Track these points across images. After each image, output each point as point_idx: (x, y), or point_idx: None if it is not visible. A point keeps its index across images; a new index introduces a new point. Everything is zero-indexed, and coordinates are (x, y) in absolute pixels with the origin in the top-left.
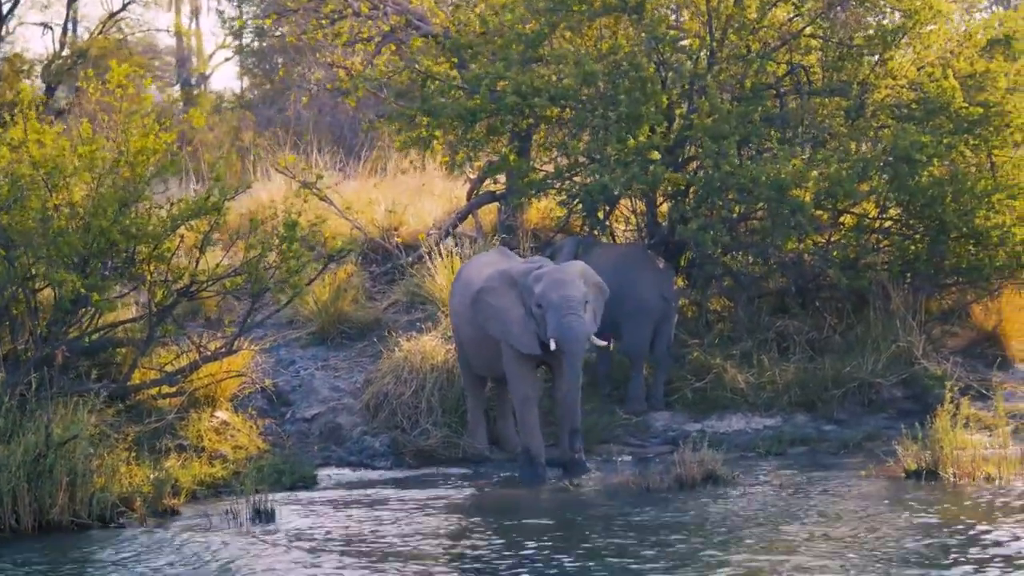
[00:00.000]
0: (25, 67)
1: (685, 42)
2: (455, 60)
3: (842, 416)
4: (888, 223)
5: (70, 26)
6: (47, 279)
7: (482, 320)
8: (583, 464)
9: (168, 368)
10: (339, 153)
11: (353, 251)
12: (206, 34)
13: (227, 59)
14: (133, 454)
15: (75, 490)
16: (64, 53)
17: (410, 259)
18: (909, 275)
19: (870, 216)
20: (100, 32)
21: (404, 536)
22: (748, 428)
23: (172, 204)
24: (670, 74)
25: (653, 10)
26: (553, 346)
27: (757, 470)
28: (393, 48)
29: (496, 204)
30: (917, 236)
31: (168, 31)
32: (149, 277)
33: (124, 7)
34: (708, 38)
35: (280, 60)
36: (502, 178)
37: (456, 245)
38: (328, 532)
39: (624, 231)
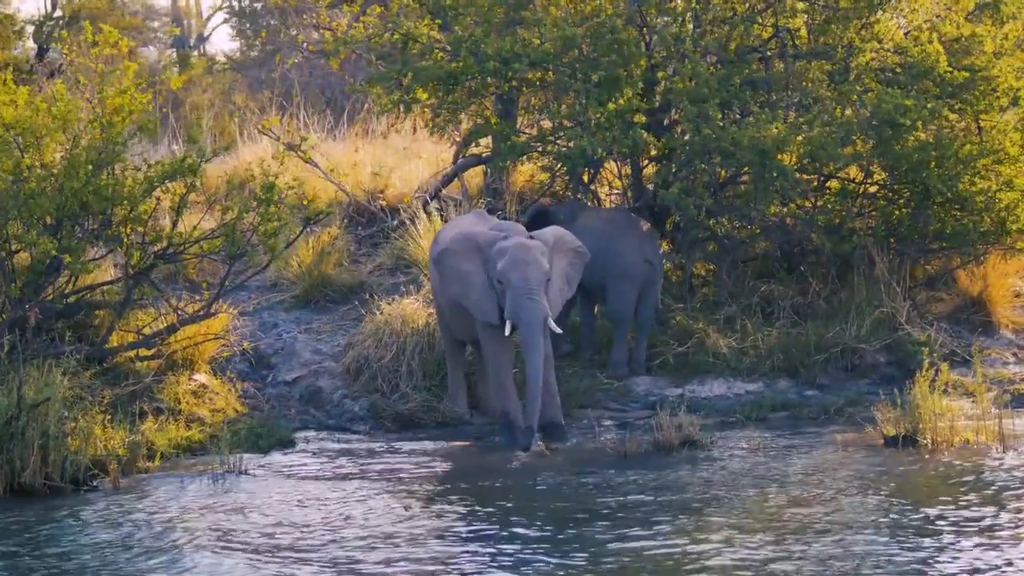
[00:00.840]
0: (17, 28)
1: (671, 4)
2: (439, 22)
3: (824, 381)
4: (873, 188)
5: None
6: (19, 241)
7: (445, 283)
8: (562, 428)
9: (146, 331)
10: (329, 115)
11: (332, 214)
12: None
13: (224, 21)
14: (109, 417)
15: (47, 453)
16: (56, 14)
17: (394, 222)
18: (893, 240)
19: (855, 181)
20: None
21: (371, 500)
22: (729, 393)
23: (149, 166)
24: (655, 37)
25: None
26: (508, 330)
27: (735, 435)
28: (379, 10)
29: (482, 167)
30: (901, 201)
31: None
32: (126, 239)
33: None
34: (693, 1)
35: (272, 22)
36: (488, 141)
37: (441, 208)
38: (299, 495)
39: (609, 195)
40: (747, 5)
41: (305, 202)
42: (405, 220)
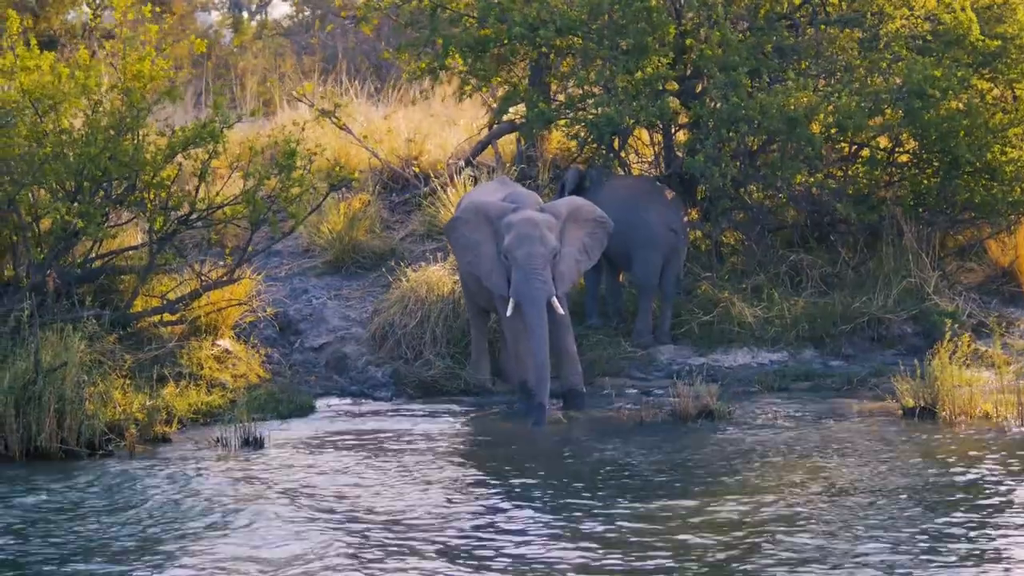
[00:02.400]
0: None
1: None
2: None
3: (850, 352)
4: (903, 157)
5: None
6: (35, 206)
7: (457, 252)
8: (582, 396)
9: (170, 296)
10: (375, 81)
11: (356, 179)
12: None
13: None
14: (129, 382)
15: (64, 417)
16: None
17: (427, 189)
18: (922, 210)
19: (884, 149)
20: None
21: (386, 466)
22: (753, 363)
23: (174, 132)
24: (684, 3)
25: None
26: (510, 308)
27: (754, 405)
28: None
29: (516, 134)
30: (930, 171)
31: None
32: (149, 205)
33: None
34: None
35: None
36: (522, 108)
37: (475, 175)
38: (314, 461)
39: (638, 162)
40: None
41: (337, 168)
42: (437, 187)
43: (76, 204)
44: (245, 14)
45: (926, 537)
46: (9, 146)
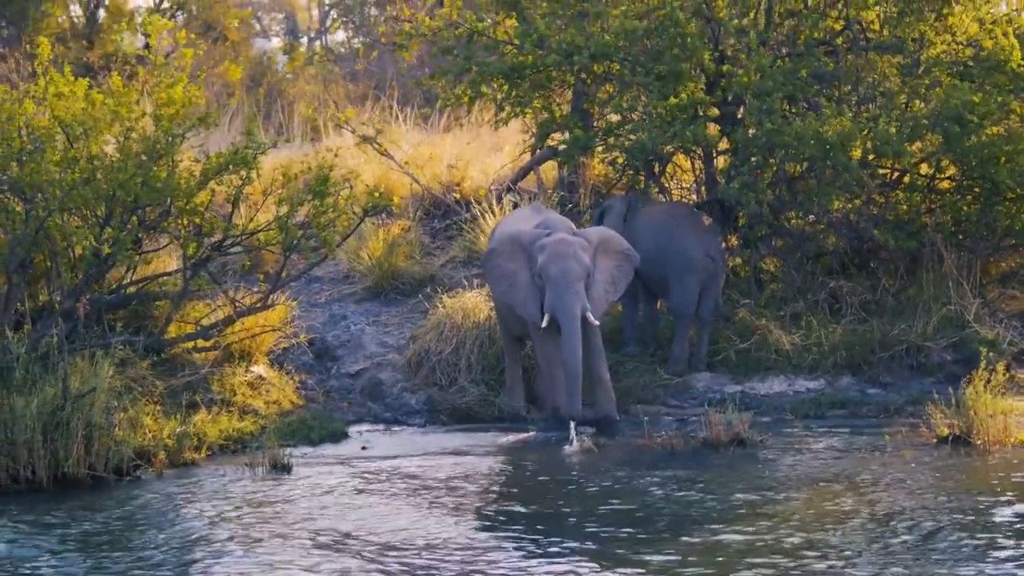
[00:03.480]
0: (125, 18)
1: None
2: (513, 14)
3: (888, 380)
4: (944, 183)
5: None
6: (60, 233)
7: (493, 282)
8: (615, 424)
9: (204, 322)
10: (425, 107)
11: (392, 206)
12: None
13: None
14: (160, 407)
15: (92, 442)
16: (164, 5)
17: (467, 215)
18: (963, 237)
19: (923, 175)
20: None
21: (411, 494)
22: (790, 390)
23: (208, 158)
24: (721, 30)
25: None
26: (545, 321)
27: (787, 434)
28: (460, 4)
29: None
30: (970, 197)
31: None
32: (183, 231)
33: None
34: None
35: (374, 13)
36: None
37: (516, 202)
38: (340, 488)
39: (678, 188)
40: None
41: (376, 194)
42: (477, 213)
43: (107, 230)
44: (305, 40)
45: (957, 566)
46: (39, 172)
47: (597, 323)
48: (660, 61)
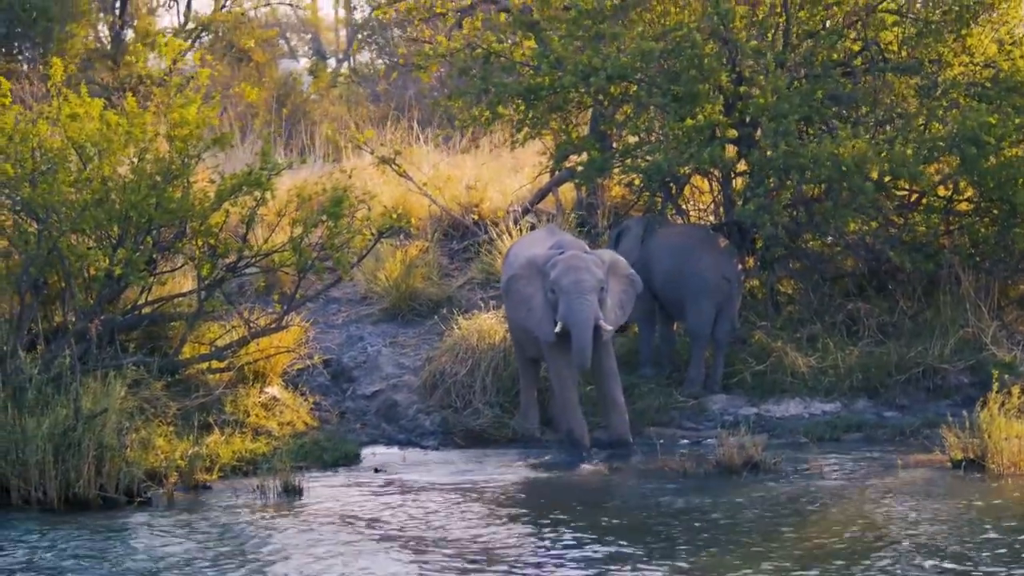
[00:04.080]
0: (150, 40)
1: (757, 18)
2: (531, 35)
3: (904, 402)
4: (963, 205)
5: None
6: (72, 253)
7: (511, 305)
8: (629, 446)
9: (219, 343)
10: (447, 128)
11: (408, 227)
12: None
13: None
14: (172, 429)
15: (102, 464)
16: (188, 26)
17: (485, 237)
18: (980, 259)
19: (941, 197)
20: (222, 7)
21: (421, 517)
22: (805, 413)
23: (223, 179)
24: (738, 51)
25: None
26: (558, 328)
27: (801, 457)
28: (478, 25)
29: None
30: (987, 220)
31: (291, 5)
32: (197, 252)
33: None
34: (782, 12)
35: (397, 33)
36: (582, 156)
37: (534, 223)
38: (352, 510)
39: (696, 210)
40: (835, 19)
41: (392, 216)
42: (495, 235)
43: (120, 251)
44: (332, 61)
45: None
46: (52, 192)
47: (611, 329)
48: (677, 82)
